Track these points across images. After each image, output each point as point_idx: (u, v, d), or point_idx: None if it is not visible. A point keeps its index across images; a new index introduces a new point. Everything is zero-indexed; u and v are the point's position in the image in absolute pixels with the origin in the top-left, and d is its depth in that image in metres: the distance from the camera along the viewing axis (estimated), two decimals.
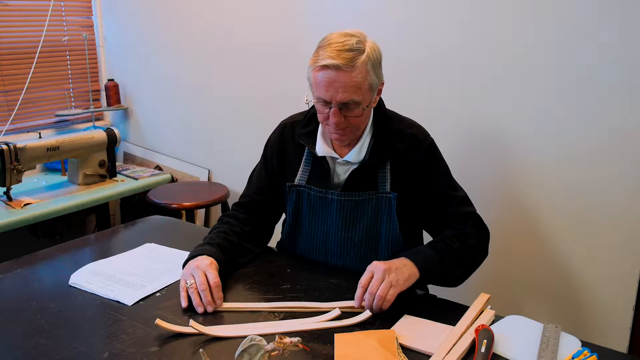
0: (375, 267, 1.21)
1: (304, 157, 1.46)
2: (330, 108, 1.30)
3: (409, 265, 1.25)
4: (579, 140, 1.74)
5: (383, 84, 1.38)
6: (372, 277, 1.20)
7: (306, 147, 1.45)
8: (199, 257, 1.31)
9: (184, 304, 1.22)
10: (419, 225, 1.50)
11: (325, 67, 1.27)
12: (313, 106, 1.44)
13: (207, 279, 1.23)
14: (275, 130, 1.55)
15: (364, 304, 1.19)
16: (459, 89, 1.94)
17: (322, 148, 1.42)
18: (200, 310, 1.20)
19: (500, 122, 1.89)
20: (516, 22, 1.79)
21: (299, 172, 1.46)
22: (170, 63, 2.85)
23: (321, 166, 1.44)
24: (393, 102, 1.50)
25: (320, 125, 1.42)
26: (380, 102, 1.43)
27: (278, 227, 1.59)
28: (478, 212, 1.44)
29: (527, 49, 1.78)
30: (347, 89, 1.27)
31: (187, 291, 1.23)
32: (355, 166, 1.40)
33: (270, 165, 1.52)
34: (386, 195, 1.39)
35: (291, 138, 1.49)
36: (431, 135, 1.44)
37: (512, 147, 1.87)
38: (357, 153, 1.39)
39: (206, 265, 1.27)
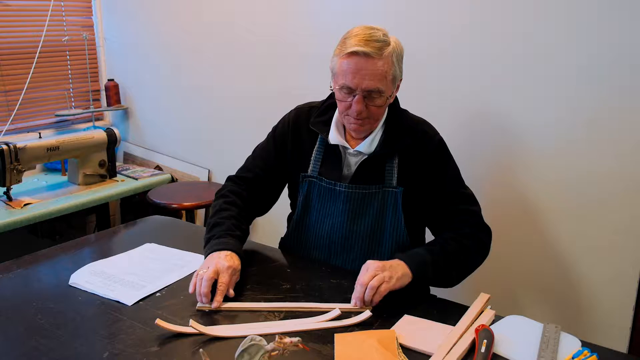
0: (370, 265, 1.23)
1: (316, 146, 1.47)
2: (354, 96, 1.32)
3: (402, 265, 1.26)
4: (578, 140, 1.74)
5: (401, 80, 1.40)
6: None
7: (319, 135, 1.46)
8: (225, 253, 1.31)
9: (191, 289, 1.24)
10: (424, 220, 1.50)
11: (354, 53, 1.29)
12: (330, 96, 1.45)
13: (217, 277, 1.24)
14: (290, 112, 1.55)
15: (356, 296, 1.21)
16: (459, 89, 1.94)
17: (334, 137, 1.43)
18: (199, 299, 1.22)
19: (499, 123, 1.88)
20: (516, 22, 1.79)
21: (311, 161, 1.47)
22: (170, 63, 2.85)
23: (333, 155, 1.45)
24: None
25: (335, 115, 1.44)
26: (395, 98, 1.44)
27: (282, 223, 1.59)
28: None
29: (527, 48, 1.78)
30: (374, 77, 1.29)
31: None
32: (365, 157, 1.41)
33: (282, 143, 1.52)
34: (393, 189, 1.40)
35: (305, 123, 1.49)
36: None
37: (512, 147, 1.87)
38: (369, 144, 1.40)
39: (225, 268, 1.26)
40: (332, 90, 1.39)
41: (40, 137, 2.59)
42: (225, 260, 1.28)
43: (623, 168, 1.68)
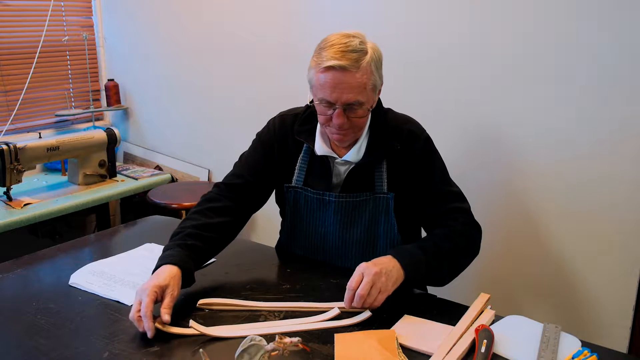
0: (365, 270, 1.18)
1: (301, 154, 1.45)
2: (334, 110, 1.29)
3: (397, 267, 1.22)
4: (578, 140, 1.74)
5: (382, 84, 1.38)
6: (361, 279, 1.17)
7: (304, 145, 1.44)
8: (162, 268, 1.20)
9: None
10: (417, 223, 1.50)
11: (330, 68, 1.25)
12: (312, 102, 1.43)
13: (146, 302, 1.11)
14: (274, 118, 1.51)
15: (353, 304, 1.18)
16: (458, 90, 1.94)
17: (321, 147, 1.41)
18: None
19: (499, 122, 1.89)
20: (516, 22, 1.79)
21: (296, 171, 1.45)
22: (170, 63, 2.85)
23: (321, 165, 1.43)
24: (391, 102, 1.50)
25: (318, 124, 1.42)
26: (378, 100, 1.42)
27: (276, 229, 1.59)
28: (478, 213, 1.43)
29: (527, 49, 1.78)
30: (353, 90, 1.26)
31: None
32: (353, 165, 1.40)
33: (269, 148, 1.48)
34: (384, 195, 1.39)
35: (290, 131, 1.46)
36: (430, 135, 1.44)
37: (512, 147, 1.87)
38: (356, 152, 1.39)
39: (143, 288, 1.14)
40: (310, 102, 1.36)
41: (40, 137, 2.59)
42: (152, 280, 1.16)
43: (624, 169, 1.68)
